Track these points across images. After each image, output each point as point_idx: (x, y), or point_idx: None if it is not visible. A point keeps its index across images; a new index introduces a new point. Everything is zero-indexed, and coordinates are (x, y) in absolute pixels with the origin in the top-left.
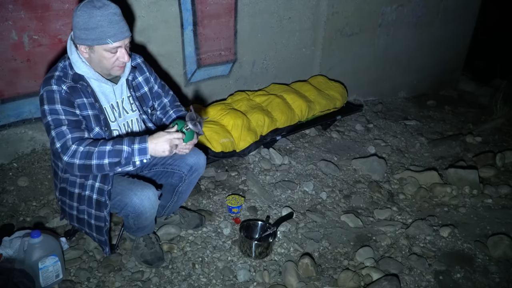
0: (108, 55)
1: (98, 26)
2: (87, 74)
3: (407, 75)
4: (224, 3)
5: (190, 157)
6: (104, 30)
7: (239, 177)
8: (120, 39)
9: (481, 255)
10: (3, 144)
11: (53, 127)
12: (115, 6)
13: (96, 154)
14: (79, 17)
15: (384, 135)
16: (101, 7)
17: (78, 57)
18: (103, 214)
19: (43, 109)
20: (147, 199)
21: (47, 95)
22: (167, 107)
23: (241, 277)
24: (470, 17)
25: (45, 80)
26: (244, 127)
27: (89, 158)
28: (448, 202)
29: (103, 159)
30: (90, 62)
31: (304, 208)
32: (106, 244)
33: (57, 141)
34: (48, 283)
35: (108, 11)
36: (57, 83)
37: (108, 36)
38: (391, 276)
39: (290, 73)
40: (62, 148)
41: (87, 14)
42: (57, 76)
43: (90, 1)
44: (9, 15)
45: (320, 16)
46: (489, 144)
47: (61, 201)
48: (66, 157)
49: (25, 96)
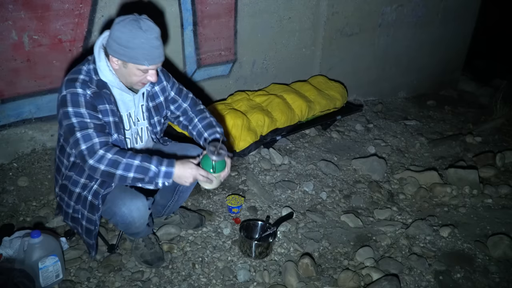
0: (139, 73)
1: (140, 48)
2: (111, 82)
3: (407, 75)
4: (224, 3)
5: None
6: (144, 52)
7: (239, 177)
8: (156, 64)
9: (481, 255)
10: (3, 144)
11: (78, 129)
12: (158, 30)
13: (123, 165)
14: (122, 34)
15: (384, 135)
16: (147, 30)
17: (106, 65)
18: (94, 218)
19: (66, 110)
20: (136, 210)
21: (71, 98)
22: (190, 113)
23: (241, 277)
24: (470, 17)
25: (67, 82)
26: (244, 127)
27: (115, 167)
28: (448, 202)
29: (129, 172)
30: (117, 72)
31: (304, 208)
32: (93, 248)
33: (82, 143)
34: (48, 283)
35: (152, 35)
36: (82, 86)
37: (146, 59)
38: (391, 276)
39: (290, 73)
40: (89, 151)
41: (132, 34)
42: (82, 80)
43: (136, 21)
44: (9, 15)
45: (320, 16)
46: (489, 144)
47: (59, 197)
48: (92, 161)
49: (25, 96)
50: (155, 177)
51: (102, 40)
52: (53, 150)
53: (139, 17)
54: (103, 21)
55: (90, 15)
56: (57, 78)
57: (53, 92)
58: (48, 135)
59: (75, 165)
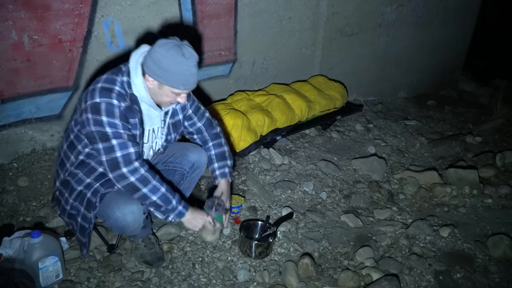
0: (171, 95)
1: (179, 73)
2: (143, 98)
3: (407, 75)
4: (224, 3)
5: (192, 154)
6: (183, 78)
7: (239, 177)
8: (190, 89)
9: (481, 255)
10: (3, 144)
11: (113, 137)
12: (197, 57)
13: (151, 187)
14: (164, 58)
15: (384, 135)
16: (189, 58)
17: (142, 82)
18: (90, 216)
19: (99, 119)
20: (130, 214)
21: (106, 107)
22: (205, 134)
23: (241, 277)
24: (470, 17)
25: (102, 90)
26: (244, 127)
27: (143, 184)
28: (448, 202)
29: (154, 195)
30: (149, 90)
31: (304, 208)
32: (85, 246)
33: (118, 150)
34: (48, 283)
35: (193, 63)
36: (118, 98)
37: (183, 84)
38: (391, 276)
39: (290, 73)
40: (125, 159)
41: (173, 59)
42: (118, 92)
43: (179, 47)
44: (9, 15)
45: (320, 16)
46: (489, 144)
47: (59, 192)
48: (126, 169)
49: (25, 96)
50: (170, 211)
51: (140, 55)
52: (53, 150)
53: (181, 43)
54: (103, 21)
55: (90, 15)
56: (57, 78)
57: (53, 92)
58: (48, 135)
59: (83, 164)
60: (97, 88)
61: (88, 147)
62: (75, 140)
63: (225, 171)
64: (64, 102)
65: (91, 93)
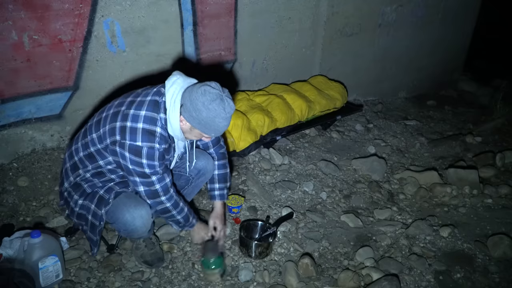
0: (198, 136)
1: (215, 125)
2: (177, 137)
3: (407, 75)
4: (224, 3)
5: (199, 161)
6: (216, 129)
7: (239, 177)
8: (219, 135)
9: (481, 255)
10: (3, 144)
11: (151, 174)
12: (234, 109)
13: (179, 209)
14: (205, 109)
15: (384, 135)
16: (228, 113)
17: (178, 122)
18: (100, 212)
19: (139, 161)
20: (139, 218)
21: (147, 152)
22: (212, 150)
23: (241, 277)
24: (470, 17)
25: (144, 133)
26: (244, 127)
27: (174, 207)
28: (448, 202)
29: (179, 215)
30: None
31: (304, 208)
32: (96, 245)
33: (157, 184)
34: (48, 283)
35: (230, 116)
36: (160, 142)
37: (215, 132)
38: (391, 276)
39: (290, 73)
40: (163, 189)
41: (214, 113)
42: (160, 135)
43: (221, 100)
44: (9, 15)
45: (320, 16)
46: (489, 144)
47: (68, 193)
48: (164, 198)
49: (25, 96)
50: (187, 226)
51: (178, 93)
52: (53, 150)
53: (223, 95)
54: (103, 21)
55: (90, 15)
56: (57, 78)
57: (53, 92)
58: (48, 135)
59: (101, 174)
60: (139, 130)
61: (111, 165)
62: (97, 155)
63: (223, 193)
64: (64, 102)
65: (131, 132)
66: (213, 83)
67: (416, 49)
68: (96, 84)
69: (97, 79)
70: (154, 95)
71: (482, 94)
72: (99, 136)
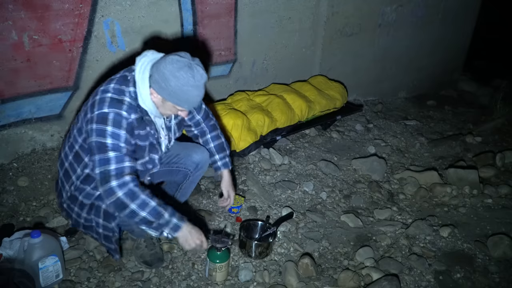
0: (174, 110)
1: (186, 94)
2: (150, 110)
3: (407, 75)
4: (224, 3)
5: (196, 155)
6: (188, 99)
7: (239, 177)
8: (193, 108)
9: (481, 255)
10: (3, 144)
11: (111, 149)
12: (206, 78)
13: (140, 201)
14: (173, 78)
15: (384, 135)
16: (199, 80)
17: (148, 95)
18: (111, 225)
19: (104, 128)
20: None
21: (114, 117)
22: (203, 125)
23: (241, 277)
24: (470, 17)
25: (112, 101)
26: (244, 127)
27: (130, 199)
28: (448, 202)
29: (142, 210)
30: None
31: (304, 208)
32: (116, 252)
33: (113, 163)
34: (48, 283)
35: (201, 85)
36: (128, 110)
37: (187, 104)
38: (391, 276)
39: (290, 73)
40: (117, 173)
41: (183, 81)
42: (129, 104)
43: (189, 68)
44: (9, 15)
45: (320, 16)
46: (489, 144)
47: (68, 206)
48: (115, 183)
49: (25, 96)
50: (164, 225)
51: (146, 65)
52: (53, 150)
53: (192, 63)
54: (103, 21)
55: (90, 15)
56: (57, 78)
57: (53, 92)
58: (48, 135)
59: (90, 178)
60: (106, 98)
61: None
62: (81, 152)
63: (226, 161)
64: (64, 102)
65: (99, 103)
66: (182, 53)
67: (416, 49)
68: (96, 84)
69: (97, 79)
70: (124, 72)
71: (482, 94)
72: (79, 128)
